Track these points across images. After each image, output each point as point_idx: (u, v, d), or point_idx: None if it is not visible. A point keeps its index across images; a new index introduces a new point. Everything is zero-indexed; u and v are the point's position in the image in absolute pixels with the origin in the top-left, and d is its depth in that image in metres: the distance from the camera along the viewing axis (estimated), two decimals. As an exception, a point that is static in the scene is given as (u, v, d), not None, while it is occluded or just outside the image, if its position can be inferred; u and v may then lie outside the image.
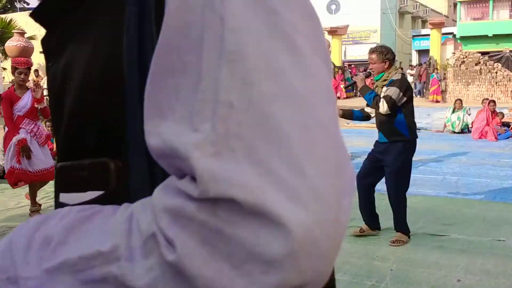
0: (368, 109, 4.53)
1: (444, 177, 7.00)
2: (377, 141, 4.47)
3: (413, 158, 8.48)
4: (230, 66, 0.39)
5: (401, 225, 4.38)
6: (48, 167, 5.53)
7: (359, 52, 35.30)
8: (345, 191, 0.41)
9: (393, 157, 4.25)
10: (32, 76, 19.47)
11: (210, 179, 0.37)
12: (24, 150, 5.24)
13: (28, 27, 21.53)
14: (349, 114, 4.63)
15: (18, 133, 5.30)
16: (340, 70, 27.66)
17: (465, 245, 4.27)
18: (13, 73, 5.44)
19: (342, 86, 25.18)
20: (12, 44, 5.44)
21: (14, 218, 5.40)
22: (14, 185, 5.57)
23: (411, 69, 28.07)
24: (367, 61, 4.70)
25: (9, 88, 5.87)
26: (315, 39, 0.44)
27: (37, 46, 9.01)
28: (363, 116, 4.61)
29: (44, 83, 18.12)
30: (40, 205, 5.72)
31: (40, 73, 20.06)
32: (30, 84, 19.05)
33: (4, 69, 21.48)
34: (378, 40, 35.82)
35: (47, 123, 8.78)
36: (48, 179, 5.64)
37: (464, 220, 4.97)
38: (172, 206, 0.39)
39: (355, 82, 4.56)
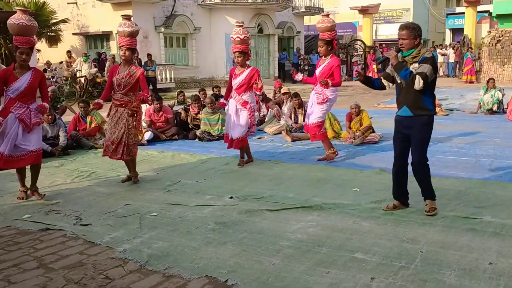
0: (385, 82, 4.73)
1: (478, 159, 6.84)
2: (399, 116, 4.58)
3: (446, 140, 8.36)
4: None
5: (430, 192, 4.60)
6: (26, 152, 5.27)
7: (391, 31, 34.48)
8: None
9: (419, 128, 4.45)
10: (65, 57, 19.83)
11: None
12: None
13: (61, 10, 21.88)
14: (370, 82, 4.81)
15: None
16: (371, 50, 27.16)
17: (498, 228, 4.19)
18: (15, 51, 5.16)
19: (374, 62, 24.80)
20: (13, 22, 4.99)
21: (49, 197, 5.57)
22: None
23: (441, 49, 27.31)
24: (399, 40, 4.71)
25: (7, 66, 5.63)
26: None
27: (70, 28, 9.10)
28: (380, 86, 4.80)
29: (77, 64, 18.42)
30: (27, 188, 5.52)
31: (73, 54, 20.39)
32: (64, 65, 19.20)
33: (38, 50, 21.93)
34: (411, 19, 34.91)
35: (80, 104, 8.97)
36: (23, 164, 5.37)
37: (498, 203, 4.86)
38: None
39: (387, 59, 4.57)
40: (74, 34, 22.04)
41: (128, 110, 5.81)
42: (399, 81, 4.52)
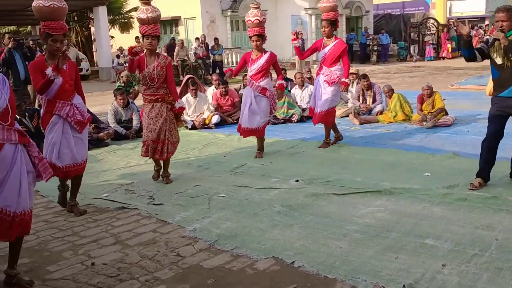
0: (478, 56, 4.65)
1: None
2: (505, 97, 4.56)
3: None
4: None
5: None
6: (77, 162, 4.47)
7: (467, 8, 32.65)
8: None
9: None
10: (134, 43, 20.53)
11: None
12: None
13: (133, -3, 22.63)
14: (468, 47, 4.63)
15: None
16: (445, 28, 25.88)
17: None
18: (45, 40, 4.32)
19: (448, 41, 23.61)
20: (42, 4, 4.19)
21: (125, 176, 5.85)
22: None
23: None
24: (475, 18, 4.56)
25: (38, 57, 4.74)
26: None
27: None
28: (470, 57, 4.68)
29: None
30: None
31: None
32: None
33: (112, 37, 22.88)
34: (489, -6, 32.82)
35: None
36: (72, 174, 4.53)
37: None
38: None
39: (496, 40, 4.50)
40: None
41: (167, 104, 5.31)
42: (499, 62, 4.49)
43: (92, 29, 23.50)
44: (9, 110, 3.06)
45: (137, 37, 23.34)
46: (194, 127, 8.77)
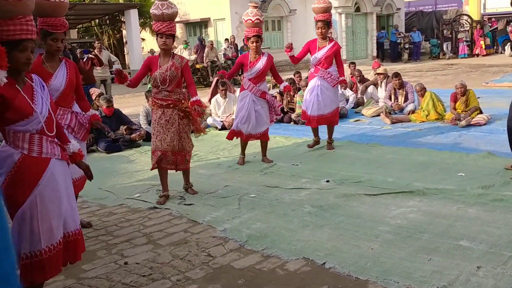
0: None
1: None
2: None
3: None
4: None
5: None
6: (76, 177, 3.89)
7: (502, 4, 31.77)
8: None
9: None
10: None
11: None
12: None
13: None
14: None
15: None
16: (478, 25, 25.24)
17: None
18: (43, 39, 3.77)
19: (481, 38, 23.02)
20: None
21: (156, 177, 5.90)
22: None
23: None
24: (510, 14, 4.47)
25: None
26: None
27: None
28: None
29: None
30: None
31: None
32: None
33: (143, 39, 23.21)
34: (525, -12, 31.85)
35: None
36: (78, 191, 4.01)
37: None
38: None
39: None
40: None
41: (179, 111, 4.82)
42: None
43: (124, 32, 23.89)
44: (53, 118, 2.77)
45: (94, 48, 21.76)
46: (224, 128, 8.82)
